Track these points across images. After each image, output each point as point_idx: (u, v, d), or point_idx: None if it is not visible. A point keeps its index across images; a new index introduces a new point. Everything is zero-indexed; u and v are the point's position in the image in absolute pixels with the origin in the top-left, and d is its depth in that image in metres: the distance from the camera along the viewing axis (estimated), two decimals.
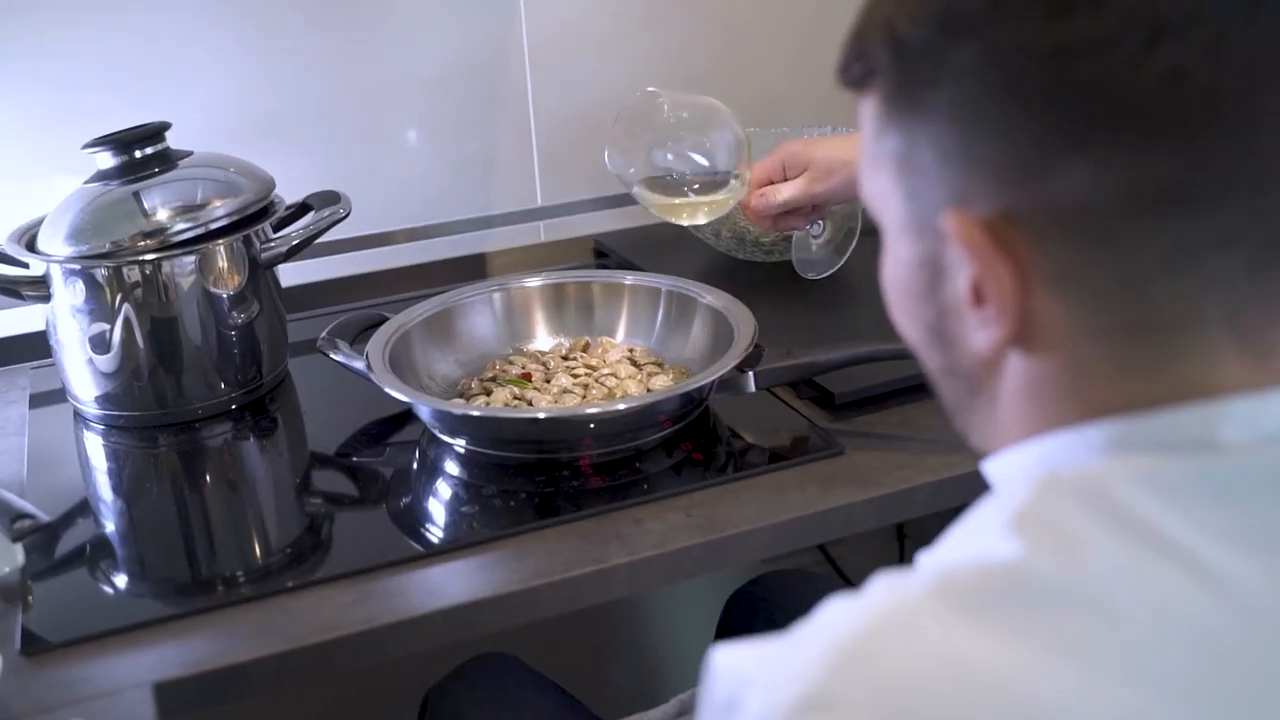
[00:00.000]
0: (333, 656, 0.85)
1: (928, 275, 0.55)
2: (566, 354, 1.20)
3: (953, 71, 0.50)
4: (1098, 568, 0.46)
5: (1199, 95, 0.46)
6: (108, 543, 1.01)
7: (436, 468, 1.06)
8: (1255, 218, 0.48)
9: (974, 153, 0.50)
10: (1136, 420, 0.50)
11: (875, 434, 1.05)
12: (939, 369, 0.59)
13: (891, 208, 0.56)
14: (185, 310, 1.14)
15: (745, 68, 1.62)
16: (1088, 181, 0.48)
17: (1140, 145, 0.47)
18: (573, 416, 1.03)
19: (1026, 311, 0.51)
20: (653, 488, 0.99)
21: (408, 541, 0.97)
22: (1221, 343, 0.50)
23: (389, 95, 1.47)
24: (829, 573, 1.77)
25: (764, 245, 1.39)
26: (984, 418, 0.57)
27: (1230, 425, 0.49)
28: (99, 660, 0.84)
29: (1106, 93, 0.47)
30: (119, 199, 1.13)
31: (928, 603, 0.47)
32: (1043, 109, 0.48)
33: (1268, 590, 0.47)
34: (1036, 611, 0.46)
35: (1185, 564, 0.47)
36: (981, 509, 0.52)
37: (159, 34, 1.35)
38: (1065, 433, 0.52)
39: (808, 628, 0.49)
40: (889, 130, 0.54)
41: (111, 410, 1.16)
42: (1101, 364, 0.51)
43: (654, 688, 1.67)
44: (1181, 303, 0.49)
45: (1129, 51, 0.46)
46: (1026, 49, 0.48)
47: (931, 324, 0.56)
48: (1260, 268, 0.49)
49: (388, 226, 1.51)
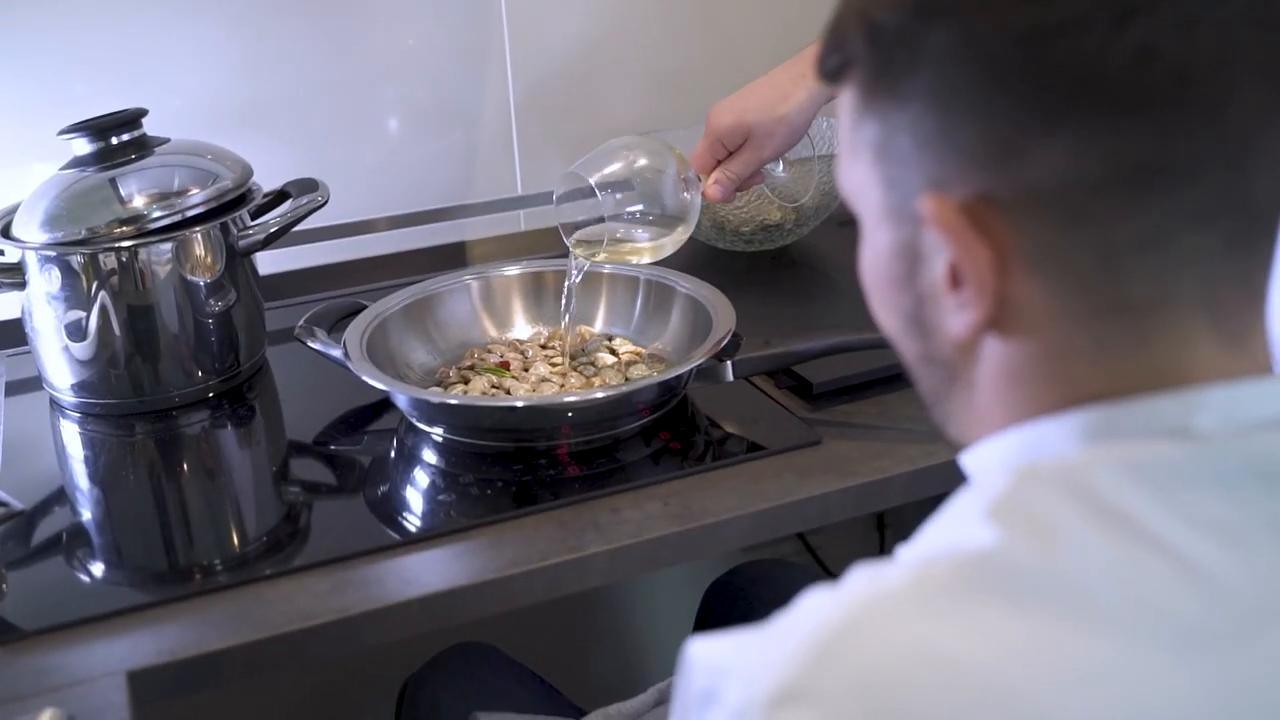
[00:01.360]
0: (308, 645, 0.85)
1: (906, 262, 0.55)
2: (545, 342, 1.19)
3: (929, 56, 0.50)
4: (1074, 556, 0.47)
5: (1170, 73, 0.47)
6: (83, 531, 1.00)
7: (414, 456, 1.06)
8: (1230, 194, 0.49)
9: (952, 136, 0.51)
10: (1114, 408, 0.51)
11: (853, 423, 1.05)
12: (917, 357, 0.59)
13: (869, 197, 0.56)
14: (162, 298, 1.13)
15: (729, 62, 1.61)
16: (1065, 161, 0.48)
17: (1115, 123, 0.48)
18: (550, 405, 1.03)
19: (1004, 293, 0.52)
20: (630, 477, 0.99)
21: (385, 530, 0.96)
22: (1198, 323, 0.50)
23: (368, 82, 1.47)
24: (808, 562, 1.77)
25: (744, 235, 1.39)
26: (962, 405, 0.58)
27: (1206, 414, 0.50)
28: (73, 648, 0.84)
29: (1081, 72, 0.47)
30: (95, 185, 1.13)
31: (905, 593, 0.47)
32: (1019, 90, 0.48)
33: (1244, 578, 0.47)
34: (1014, 600, 0.46)
35: (1163, 552, 0.47)
36: (959, 500, 0.52)
37: (137, 20, 1.35)
38: (1043, 421, 0.53)
39: (786, 619, 0.49)
40: (866, 119, 0.54)
41: (88, 398, 1.15)
42: (1080, 345, 0.52)
43: (632, 677, 1.67)
44: (1159, 281, 0.50)
45: (1101, 31, 0.47)
46: (1002, 31, 0.48)
47: (909, 311, 0.57)
48: (1236, 245, 0.50)
49: (366, 214, 1.50)
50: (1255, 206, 0.50)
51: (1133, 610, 0.46)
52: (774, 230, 1.39)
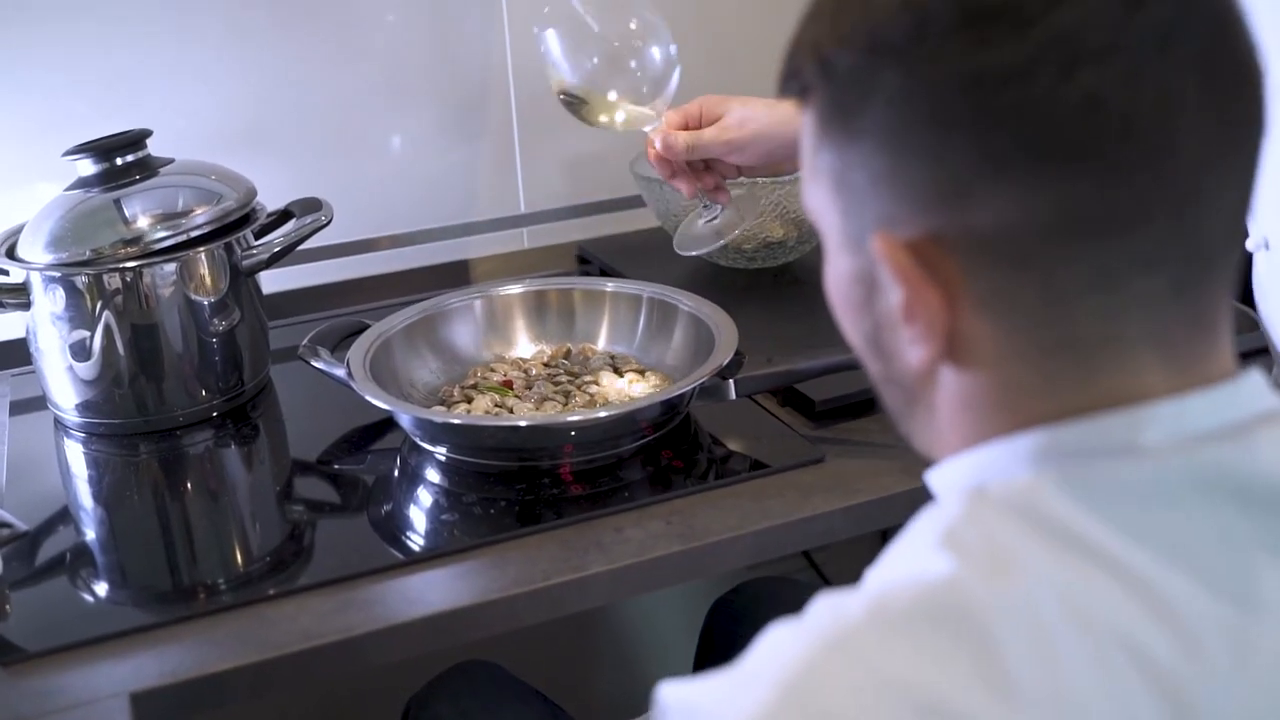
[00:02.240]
0: (311, 665, 0.85)
1: (864, 289, 0.56)
2: (548, 361, 1.20)
3: (880, 97, 0.50)
4: (1026, 581, 0.47)
5: (1116, 123, 0.47)
6: (87, 551, 1.00)
7: (417, 475, 1.06)
8: (1177, 241, 0.49)
9: (902, 176, 0.51)
10: (1062, 428, 0.51)
11: (855, 441, 1.05)
12: (879, 377, 0.60)
13: (829, 220, 0.56)
14: (166, 318, 1.13)
15: (730, 76, 1.62)
16: (1011, 207, 0.49)
17: (1060, 172, 0.48)
18: (553, 425, 1.03)
19: (954, 331, 0.52)
20: (633, 495, 0.99)
21: (388, 549, 0.96)
22: (1146, 357, 0.51)
23: (371, 102, 1.47)
24: (813, 579, 1.77)
25: (746, 252, 1.39)
26: (924, 425, 0.58)
27: (1154, 428, 0.50)
28: (76, 669, 0.84)
29: (1026, 120, 0.48)
30: (100, 206, 1.13)
31: (866, 627, 0.47)
32: (965, 136, 0.49)
33: (1190, 593, 0.48)
34: (970, 630, 0.46)
35: (1112, 570, 0.47)
36: (918, 523, 0.53)
37: (141, 41, 1.35)
38: (996, 444, 0.53)
39: (753, 657, 0.49)
40: (823, 147, 0.54)
41: (92, 418, 1.16)
42: (1030, 379, 0.52)
43: (636, 695, 1.66)
44: (1106, 322, 0.50)
45: (1047, 80, 0.47)
46: (949, 76, 0.48)
47: (869, 335, 0.57)
48: (1186, 287, 0.50)
49: (370, 233, 1.51)
50: (1205, 251, 0.50)
51: (1086, 632, 0.47)
52: (776, 247, 1.39)
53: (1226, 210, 0.50)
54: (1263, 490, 0.50)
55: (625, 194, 1.57)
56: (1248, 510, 0.50)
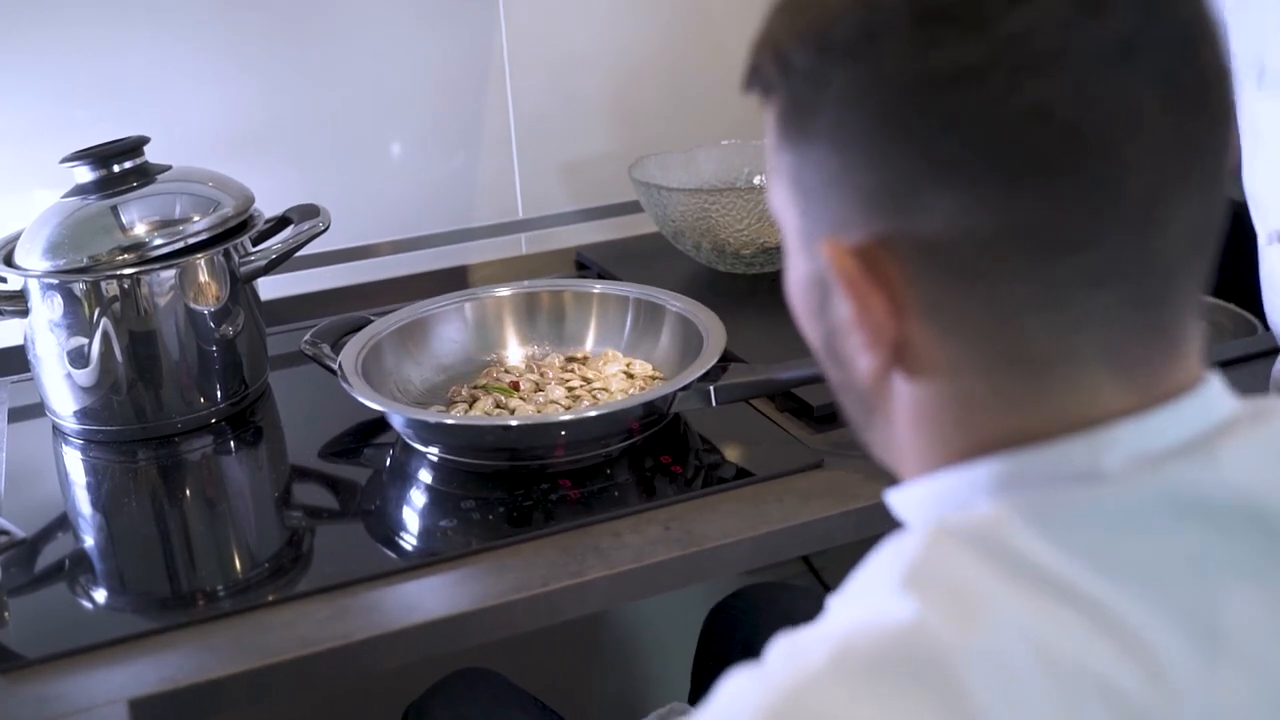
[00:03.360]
0: (308, 672, 0.84)
1: (818, 294, 0.55)
2: (563, 364, 1.20)
3: (831, 96, 0.49)
4: (992, 623, 0.45)
5: (1064, 136, 0.46)
6: (86, 558, 1.00)
7: (415, 480, 1.06)
8: (1132, 259, 0.48)
9: (852, 179, 0.50)
10: (1022, 456, 0.50)
11: (854, 446, 1.04)
12: (837, 384, 0.59)
13: (788, 221, 0.55)
14: (164, 324, 1.13)
15: (729, 81, 1.61)
16: (953, 215, 0.48)
17: (1003, 182, 0.47)
18: (533, 424, 1.03)
19: (902, 341, 0.51)
20: (631, 501, 0.99)
21: (386, 555, 0.96)
22: (1099, 374, 0.49)
23: (369, 108, 1.47)
24: (812, 583, 1.77)
25: (744, 258, 1.40)
26: (883, 436, 0.57)
27: (1115, 451, 0.49)
28: (75, 676, 0.84)
29: (971, 126, 0.46)
30: (97, 213, 1.13)
31: (827, 678, 0.45)
32: (910, 139, 0.48)
33: (1158, 625, 0.46)
34: (936, 679, 0.44)
35: (1077, 604, 0.46)
36: (880, 554, 0.51)
37: (138, 48, 1.35)
38: (954, 471, 0.52)
39: (712, 708, 0.48)
40: (783, 147, 0.53)
41: (90, 425, 1.16)
42: (981, 394, 0.51)
43: (634, 702, 1.67)
44: (1057, 339, 0.49)
45: (995, 86, 0.46)
46: (895, 78, 0.47)
47: (825, 340, 0.56)
48: (1142, 304, 0.49)
49: (368, 239, 1.51)
50: (1164, 266, 0.49)
51: (1054, 673, 0.45)
52: (774, 252, 1.39)
53: (1188, 222, 0.48)
54: (1227, 507, 0.48)
55: (623, 199, 1.57)
56: (1213, 530, 0.48)
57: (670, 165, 1.48)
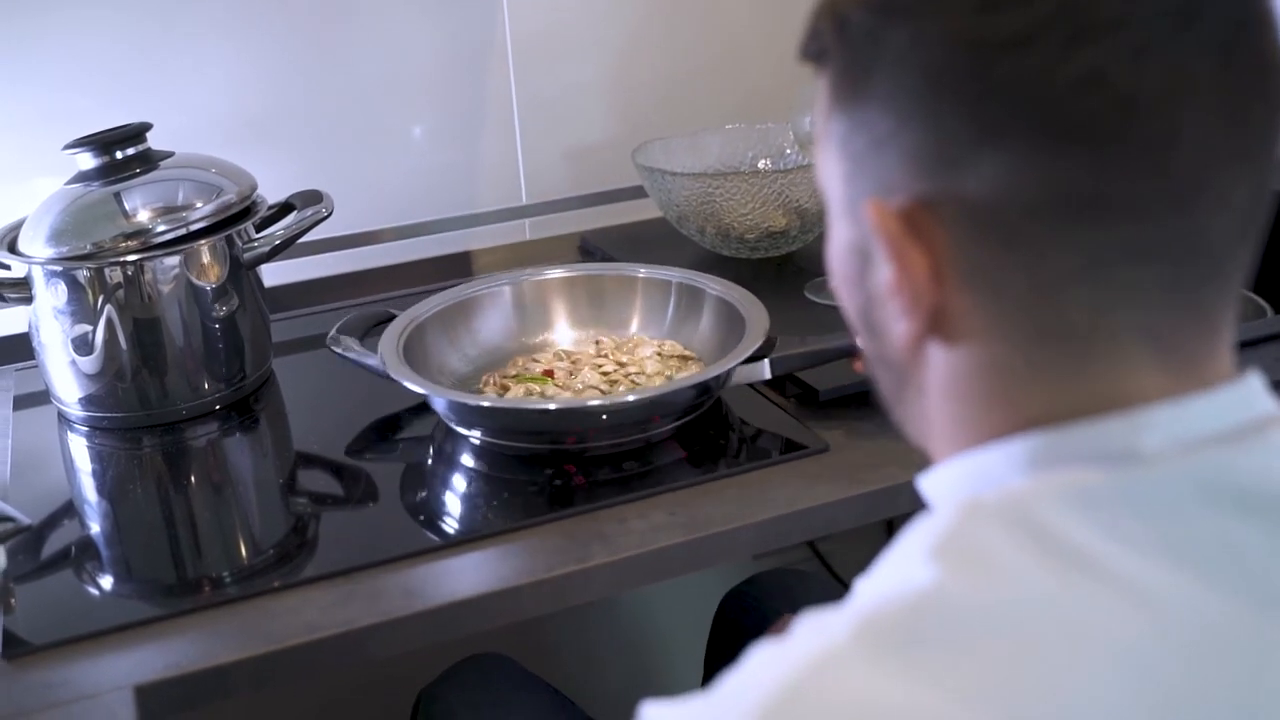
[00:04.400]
0: (314, 658, 0.84)
1: (858, 261, 0.55)
2: (598, 351, 1.19)
3: (888, 56, 0.50)
4: (1015, 592, 0.45)
5: (1116, 105, 0.46)
6: (91, 545, 1.00)
7: (425, 467, 1.06)
8: (1177, 235, 0.48)
9: (900, 141, 0.50)
10: (1059, 433, 0.50)
11: (860, 431, 1.05)
12: (872, 356, 0.59)
13: (833, 188, 0.56)
14: (168, 311, 1.13)
15: (733, 64, 1.61)
16: (999, 179, 0.48)
17: (1052, 148, 0.47)
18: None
19: (941, 307, 0.51)
20: (636, 486, 0.99)
21: (390, 542, 0.96)
22: (1138, 354, 0.49)
23: (372, 94, 1.47)
24: (820, 569, 1.77)
25: (749, 242, 1.39)
26: (916, 411, 0.57)
27: (1152, 433, 0.48)
28: (80, 662, 0.84)
29: (1023, 91, 0.46)
30: (100, 200, 1.13)
31: (851, 648, 0.45)
32: (962, 100, 0.48)
33: (1194, 603, 0.46)
34: (956, 645, 0.44)
35: (1111, 582, 0.45)
36: (909, 534, 0.51)
37: (140, 34, 1.35)
38: (990, 448, 0.52)
39: (735, 681, 0.48)
40: (835, 111, 0.54)
41: (95, 411, 1.16)
42: (1017, 367, 0.51)
43: (647, 688, 1.66)
44: (1095, 312, 0.49)
45: (1049, 50, 0.46)
46: (952, 39, 0.48)
47: (862, 309, 0.56)
48: (1186, 286, 0.49)
49: (371, 226, 1.51)
50: (1210, 249, 0.48)
51: (1079, 643, 0.44)
52: (779, 237, 1.39)
53: (1236, 206, 0.48)
54: (1265, 497, 0.48)
55: (627, 184, 1.56)
56: (1250, 518, 0.48)
57: (674, 150, 1.48)
